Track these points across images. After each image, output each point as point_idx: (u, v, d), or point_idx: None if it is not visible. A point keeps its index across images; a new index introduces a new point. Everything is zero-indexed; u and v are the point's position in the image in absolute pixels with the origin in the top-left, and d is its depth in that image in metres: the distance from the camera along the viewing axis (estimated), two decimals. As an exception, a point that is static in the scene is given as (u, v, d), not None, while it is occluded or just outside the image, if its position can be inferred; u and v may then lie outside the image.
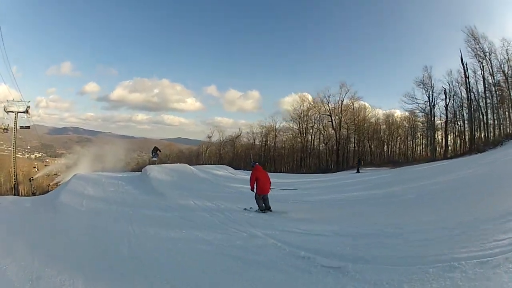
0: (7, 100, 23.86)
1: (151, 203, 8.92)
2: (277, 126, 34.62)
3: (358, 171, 22.16)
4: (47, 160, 47.91)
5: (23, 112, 24.36)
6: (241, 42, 65.51)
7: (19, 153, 46.35)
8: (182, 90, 67.99)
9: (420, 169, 16.69)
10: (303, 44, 63.26)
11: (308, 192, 11.56)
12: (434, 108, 27.91)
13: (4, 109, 24.39)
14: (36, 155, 47.46)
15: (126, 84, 64.09)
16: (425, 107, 28.30)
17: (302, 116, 33.51)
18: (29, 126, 27.15)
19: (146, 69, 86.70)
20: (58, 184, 44.04)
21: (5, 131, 26.20)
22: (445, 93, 27.21)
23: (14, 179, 23.22)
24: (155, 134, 71.31)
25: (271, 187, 7.63)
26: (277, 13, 64.65)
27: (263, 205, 7.33)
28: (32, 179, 31.00)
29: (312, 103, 33.72)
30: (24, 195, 28.21)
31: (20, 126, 26.51)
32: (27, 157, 45.40)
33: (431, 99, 27.83)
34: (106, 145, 51.33)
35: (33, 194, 24.44)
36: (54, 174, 44.16)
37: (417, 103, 28.45)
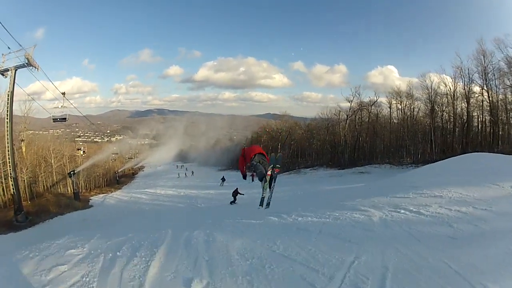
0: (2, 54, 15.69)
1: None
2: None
3: None
4: (129, 142, 45.32)
5: (23, 67, 15.85)
6: (322, 17, 62.99)
7: (97, 138, 45.06)
8: (268, 67, 67.31)
9: None
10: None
11: None
12: None
13: None
14: (117, 138, 45.12)
15: (211, 65, 62.84)
16: None
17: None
18: (65, 118, 19.58)
19: (230, 49, 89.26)
20: (136, 168, 40.24)
21: (63, 120, 19.61)
22: None
23: (11, 174, 15.09)
24: (243, 111, 67.96)
25: None
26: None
27: None
28: (74, 173, 23.46)
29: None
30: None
31: (54, 119, 19.67)
32: (107, 140, 43.15)
33: None
34: (193, 123, 49.82)
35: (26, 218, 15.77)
36: (129, 158, 39.90)
37: None
